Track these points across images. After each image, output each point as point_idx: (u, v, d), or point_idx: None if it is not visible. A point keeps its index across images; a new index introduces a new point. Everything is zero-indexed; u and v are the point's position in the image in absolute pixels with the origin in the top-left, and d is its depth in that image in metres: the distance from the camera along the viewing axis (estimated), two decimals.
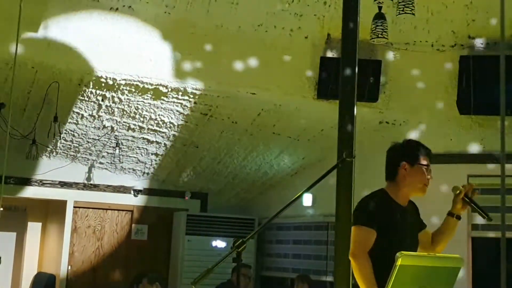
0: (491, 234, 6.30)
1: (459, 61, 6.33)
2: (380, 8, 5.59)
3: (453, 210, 3.20)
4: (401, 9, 5.29)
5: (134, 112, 7.08)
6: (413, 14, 5.34)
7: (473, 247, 6.40)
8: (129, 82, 6.41)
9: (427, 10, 6.16)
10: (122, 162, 8.45)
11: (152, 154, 8.20)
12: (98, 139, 7.84)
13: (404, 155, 3.29)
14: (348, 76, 4.99)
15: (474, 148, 6.51)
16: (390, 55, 6.59)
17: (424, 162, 3.25)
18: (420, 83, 6.62)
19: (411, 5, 5.28)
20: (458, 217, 3.19)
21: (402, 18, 5.75)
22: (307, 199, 7.95)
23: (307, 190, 3.05)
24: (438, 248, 3.22)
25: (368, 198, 3.19)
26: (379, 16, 5.56)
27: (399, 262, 2.38)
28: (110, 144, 7.97)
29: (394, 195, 3.18)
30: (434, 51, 6.53)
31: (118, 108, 6.98)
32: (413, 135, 6.74)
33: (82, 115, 7.20)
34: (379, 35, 5.53)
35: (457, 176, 6.48)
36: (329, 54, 6.47)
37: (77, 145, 8.09)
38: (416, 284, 2.53)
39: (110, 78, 6.35)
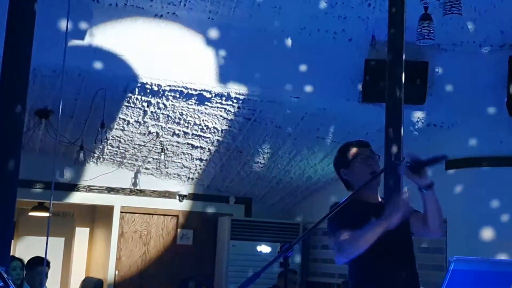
0: None
1: (508, 61, 6.18)
2: (426, 8, 5.48)
3: (417, 184, 3.00)
4: (448, 9, 5.18)
5: (179, 118, 7.13)
6: (460, 14, 5.23)
7: None
8: (173, 88, 6.46)
9: (474, 10, 6.04)
10: (168, 168, 8.52)
11: (196, 159, 8.24)
12: (144, 145, 7.92)
13: (338, 165, 3.28)
14: (395, 78, 4.92)
15: None
16: (437, 56, 6.47)
17: (355, 155, 3.18)
18: (468, 85, 6.48)
19: (458, 5, 5.17)
20: (425, 188, 2.96)
21: (449, 19, 5.64)
22: None
23: (353, 195, 2.99)
24: (430, 225, 3.00)
25: (334, 204, 3.07)
26: (426, 17, 5.46)
27: (452, 266, 2.32)
28: (155, 149, 8.04)
29: (360, 197, 3.06)
30: (482, 52, 6.39)
31: (163, 114, 7.04)
32: (460, 137, 6.60)
33: (128, 121, 7.29)
34: (426, 36, 5.43)
35: (507, 180, 6.31)
36: (374, 56, 6.39)
37: (123, 151, 8.19)
38: None
39: (155, 84, 6.40)
